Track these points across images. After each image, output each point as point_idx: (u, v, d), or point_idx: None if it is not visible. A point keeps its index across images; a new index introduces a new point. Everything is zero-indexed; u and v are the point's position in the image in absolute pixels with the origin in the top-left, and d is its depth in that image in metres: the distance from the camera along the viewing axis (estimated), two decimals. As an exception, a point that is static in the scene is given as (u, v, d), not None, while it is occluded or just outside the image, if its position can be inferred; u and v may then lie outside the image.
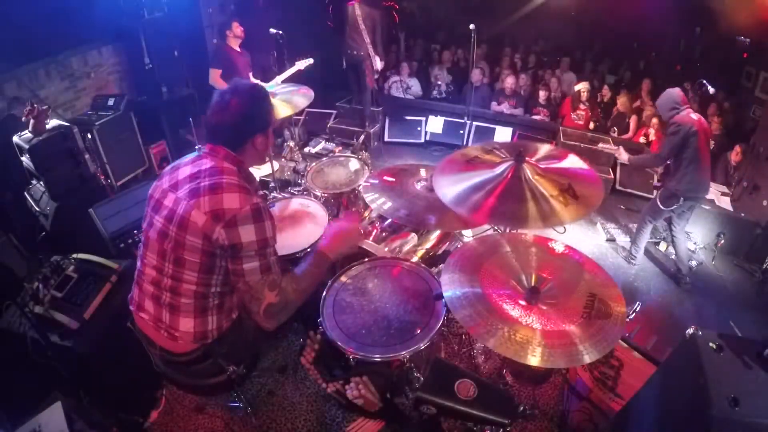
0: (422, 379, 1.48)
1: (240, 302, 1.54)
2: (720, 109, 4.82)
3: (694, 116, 3.01)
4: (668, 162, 3.17)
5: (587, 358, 1.29)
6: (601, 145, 3.70)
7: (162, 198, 1.47)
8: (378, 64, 4.93)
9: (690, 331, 1.43)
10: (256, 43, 4.61)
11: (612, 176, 4.69)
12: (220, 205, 1.34)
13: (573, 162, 1.81)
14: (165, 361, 1.58)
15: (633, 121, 5.21)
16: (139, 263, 1.56)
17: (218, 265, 1.43)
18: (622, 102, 5.27)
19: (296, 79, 4.19)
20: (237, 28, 4.25)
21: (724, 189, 4.12)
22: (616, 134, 5.20)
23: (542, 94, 5.59)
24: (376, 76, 5.04)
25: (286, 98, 2.81)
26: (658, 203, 3.23)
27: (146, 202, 1.55)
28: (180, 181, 1.46)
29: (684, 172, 3.03)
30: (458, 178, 1.75)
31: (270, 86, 2.87)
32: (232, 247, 1.36)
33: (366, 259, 1.99)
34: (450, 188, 1.72)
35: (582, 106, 5.34)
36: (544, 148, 1.91)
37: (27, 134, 3.14)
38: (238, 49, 4.32)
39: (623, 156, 3.44)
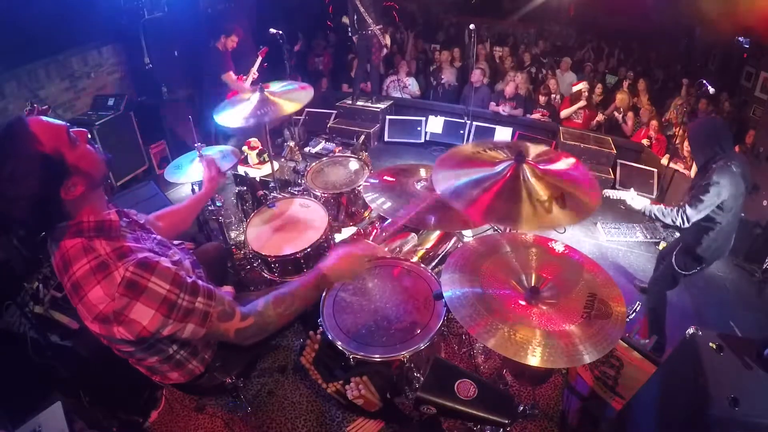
0: (422, 379, 1.48)
1: None
2: (719, 109, 4.82)
3: (737, 166, 2.23)
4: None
5: (587, 358, 1.29)
6: (606, 192, 2.44)
7: None
8: (386, 39, 5.41)
9: (690, 331, 1.43)
10: (248, 45, 4.65)
11: (612, 176, 4.70)
12: (94, 308, 1.10)
13: (571, 165, 1.81)
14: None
15: (630, 118, 5.21)
16: None
17: (157, 339, 1.21)
18: (620, 98, 5.28)
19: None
20: (233, 41, 4.35)
21: (724, 189, 4.11)
22: (628, 124, 5.15)
23: (542, 99, 5.60)
24: (385, 51, 5.55)
25: (286, 97, 2.80)
26: (677, 269, 2.55)
27: None
28: (59, 276, 1.20)
29: (713, 238, 2.35)
30: (457, 173, 1.75)
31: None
32: (142, 337, 1.15)
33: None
34: (448, 181, 1.71)
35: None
36: (541, 150, 1.90)
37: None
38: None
39: (637, 203, 2.40)
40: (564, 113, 5.36)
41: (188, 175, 2.63)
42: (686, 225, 2.29)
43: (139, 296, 1.11)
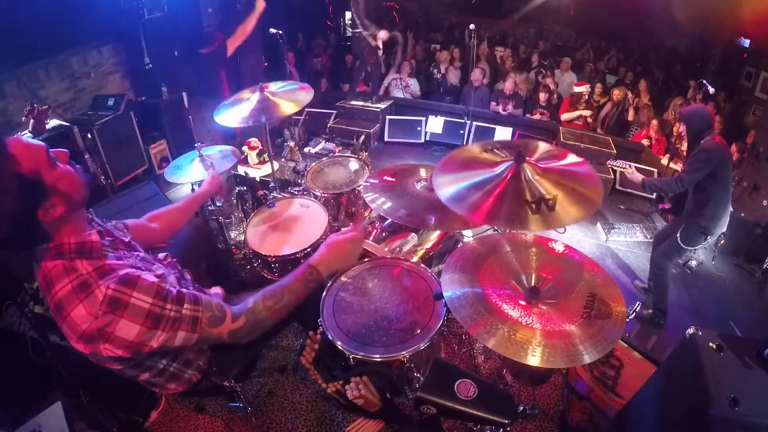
0: (422, 379, 1.48)
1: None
2: (719, 109, 4.82)
3: (719, 141, 2.67)
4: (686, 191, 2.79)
5: (587, 358, 1.29)
6: (610, 163, 3.38)
7: None
8: (380, 40, 5.39)
9: (690, 331, 1.43)
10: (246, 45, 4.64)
11: (612, 176, 4.70)
12: (78, 327, 1.11)
13: (573, 162, 1.81)
14: None
15: (629, 116, 5.21)
16: None
17: (145, 356, 1.22)
18: (617, 94, 5.27)
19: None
20: None
21: (724, 189, 4.11)
22: (629, 112, 5.18)
23: (542, 96, 5.59)
24: (380, 53, 5.55)
25: (286, 97, 2.80)
26: (681, 244, 2.84)
27: None
28: (44, 296, 1.21)
29: (713, 207, 2.70)
30: (458, 177, 1.74)
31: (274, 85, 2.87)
32: (132, 354, 1.16)
33: (366, 259, 1.99)
34: (449, 187, 1.71)
35: (581, 107, 5.34)
36: (543, 147, 1.91)
37: (27, 134, 3.14)
38: None
39: (636, 177, 3.01)
40: (565, 117, 5.36)
41: (188, 175, 2.63)
42: (681, 189, 2.74)
43: (122, 313, 1.11)
